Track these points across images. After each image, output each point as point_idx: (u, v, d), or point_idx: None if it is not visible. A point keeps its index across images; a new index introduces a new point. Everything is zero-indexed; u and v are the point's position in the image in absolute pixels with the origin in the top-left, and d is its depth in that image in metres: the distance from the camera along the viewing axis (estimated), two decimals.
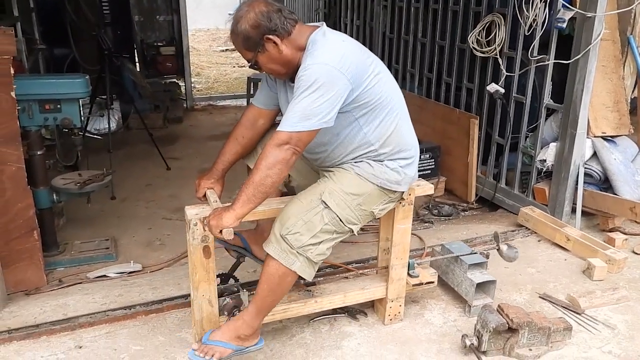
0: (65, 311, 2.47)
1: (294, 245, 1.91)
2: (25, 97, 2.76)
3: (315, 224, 1.94)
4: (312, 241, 1.93)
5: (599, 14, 2.94)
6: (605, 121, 3.30)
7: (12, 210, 2.68)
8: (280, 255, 1.92)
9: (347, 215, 2.00)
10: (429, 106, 4.37)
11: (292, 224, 1.92)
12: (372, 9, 5.22)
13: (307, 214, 1.94)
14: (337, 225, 1.98)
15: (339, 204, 1.98)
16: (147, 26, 7.13)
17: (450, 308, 2.55)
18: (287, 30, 1.92)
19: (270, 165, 1.80)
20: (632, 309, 2.55)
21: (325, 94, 1.79)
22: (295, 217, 1.93)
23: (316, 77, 1.79)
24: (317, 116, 1.80)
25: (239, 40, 1.91)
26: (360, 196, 2.02)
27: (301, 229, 1.92)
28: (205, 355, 1.96)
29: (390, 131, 2.02)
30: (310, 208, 1.95)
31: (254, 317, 2.01)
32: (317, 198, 1.97)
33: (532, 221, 3.28)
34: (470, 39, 3.77)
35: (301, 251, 1.92)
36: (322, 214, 1.95)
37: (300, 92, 1.80)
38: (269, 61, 1.93)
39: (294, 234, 1.91)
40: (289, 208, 1.97)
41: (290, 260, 1.92)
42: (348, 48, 1.91)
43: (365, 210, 2.05)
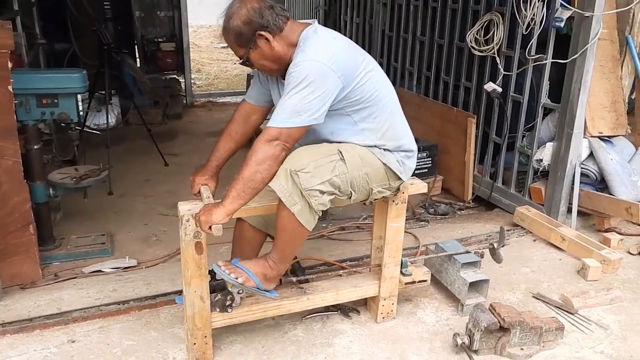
0: (60, 305, 2.48)
1: (303, 184, 1.88)
2: (22, 91, 2.76)
3: (327, 170, 1.92)
4: (320, 187, 1.90)
5: (596, 13, 2.94)
6: (603, 121, 3.30)
7: (8, 204, 2.68)
8: (284, 192, 1.89)
9: (355, 177, 1.99)
10: (427, 105, 4.36)
11: (306, 163, 1.89)
12: (371, 7, 5.22)
13: (322, 159, 1.93)
14: (344, 182, 1.97)
15: (353, 162, 1.98)
16: (147, 22, 7.13)
17: (444, 307, 2.55)
18: (279, 26, 1.92)
19: (260, 160, 1.81)
20: (626, 310, 2.55)
21: (315, 91, 1.80)
22: (310, 159, 1.91)
23: (307, 73, 1.79)
24: (307, 112, 1.80)
25: (230, 37, 1.92)
26: (369, 166, 2.03)
27: (313, 170, 1.89)
28: (231, 273, 1.99)
29: (386, 127, 2.04)
30: (326, 155, 1.94)
31: (279, 262, 2.06)
32: (335, 148, 1.97)
33: (527, 221, 3.28)
34: (468, 37, 3.76)
35: (306, 194, 1.89)
36: (337, 164, 1.94)
37: (291, 88, 1.80)
38: (260, 57, 1.94)
39: (305, 172, 1.87)
40: (304, 151, 1.94)
41: (292, 200, 1.90)
42: (339, 45, 1.92)
43: (367, 182, 2.04)
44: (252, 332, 2.31)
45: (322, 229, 3.45)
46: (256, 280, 2.02)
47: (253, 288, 2.03)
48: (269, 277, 2.06)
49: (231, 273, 1.98)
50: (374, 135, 2.04)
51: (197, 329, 2.07)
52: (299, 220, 1.92)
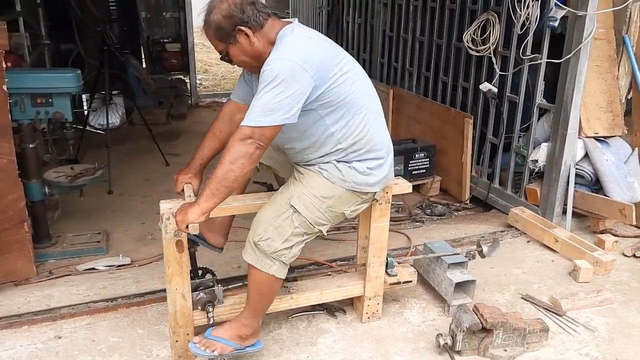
0: (49, 302, 2.51)
1: (267, 251, 1.96)
2: (17, 90, 2.79)
3: (285, 228, 1.97)
4: (284, 245, 1.98)
5: (589, 12, 2.91)
6: (598, 122, 3.27)
7: (2, 202, 2.72)
8: (256, 261, 1.98)
9: (316, 218, 2.02)
10: (426, 105, 4.35)
11: (264, 230, 1.96)
12: (373, 7, 5.21)
13: (277, 219, 1.97)
14: (307, 227, 2.01)
15: (308, 207, 2.00)
16: (153, 23, 7.20)
17: (430, 307, 2.55)
18: (259, 22, 1.92)
19: (233, 159, 1.82)
20: (615, 312, 2.52)
21: (286, 90, 1.79)
22: (266, 224, 1.97)
23: (278, 72, 1.79)
24: (279, 111, 1.80)
25: (210, 31, 1.92)
26: (330, 199, 2.03)
27: (272, 234, 1.96)
28: (206, 349, 2.02)
29: (359, 131, 2.01)
30: (280, 213, 1.98)
31: (251, 319, 2.08)
32: (286, 203, 2.00)
33: (521, 222, 3.26)
34: (465, 37, 3.75)
35: (275, 256, 1.97)
36: (292, 218, 1.98)
37: (263, 87, 1.81)
38: (240, 53, 1.94)
39: (265, 239, 1.95)
40: (260, 215, 2.01)
41: (266, 265, 1.98)
42: (314, 45, 1.91)
43: (335, 212, 2.06)
44: None
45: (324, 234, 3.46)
46: (232, 344, 2.04)
47: (232, 353, 2.06)
48: (244, 336, 2.07)
49: (207, 348, 2.01)
50: (344, 140, 2.00)
51: (179, 327, 2.09)
52: (275, 276, 1.99)
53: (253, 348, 2.11)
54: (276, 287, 2.07)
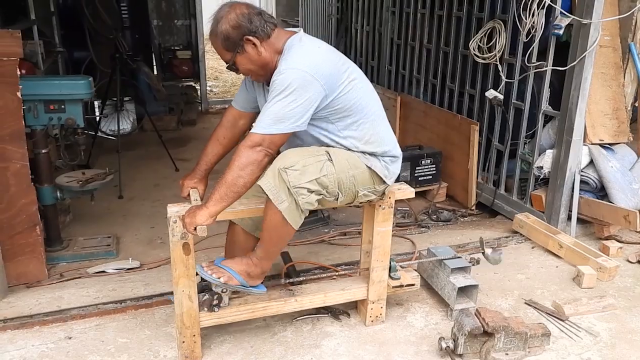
0: (60, 303, 2.57)
1: (292, 181, 1.91)
2: (30, 97, 2.88)
3: (315, 169, 1.95)
4: (308, 185, 1.93)
5: (594, 20, 2.94)
6: (604, 128, 3.28)
7: (16, 206, 2.79)
8: (272, 190, 1.92)
9: (342, 179, 2.02)
10: (432, 112, 4.39)
11: (295, 161, 1.93)
12: (381, 16, 5.27)
13: (310, 158, 1.97)
14: (332, 182, 1.99)
15: (340, 164, 2.02)
16: (165, 30, 7.31)
17: (434, 311, 2.57)
18: (266, 32, 1.98)
19: (242, 165, 1.86)
20: (618, 317, 2.53)
21: (298, 99, 1.85)
22: (299, 157, 1.95)
23: (290, 81, 1.84)
24: (289, 120, 1.86)
25: (218, 41, 1.97)
26: (356, 169, 2.06)
27: (301, 168, 1.93)
28: (213, 273, 2.05)
29: (370, 134, 2.08)
30: (315, 154, 1.99)
31: (262, 259, 2.10)
32: (323, 150, 2.02)
33: (526, 228, 3.27)
34: (471, 45, 3.78)
35: (294, 191, 1.92)
36: (325, 164, 1.98)
37: (274, 95, 1.86)
38: (247, 62, 1.99)
39: (294, 170, 1.91)
40: (293, 151, 1.98)
41: (280, 198, 1.92)
42: (323, 54, 1.97)
43: (354, 185, 2.07)
44: (242, 332, 2.37)
45: (323, 234, 3.51)
46: (239, 278, 2.08)
47: (236, 286, 2.08)
48: (252, 274, 2.11)
49: (213, 273, 2.04)
50: (358, 142, 2.08)
51: (185, 328, 2.13)
52: (285, 218, 1.95)
53: (257, 290, 2.13)
54: (286, 234, 2.03)
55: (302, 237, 3.44)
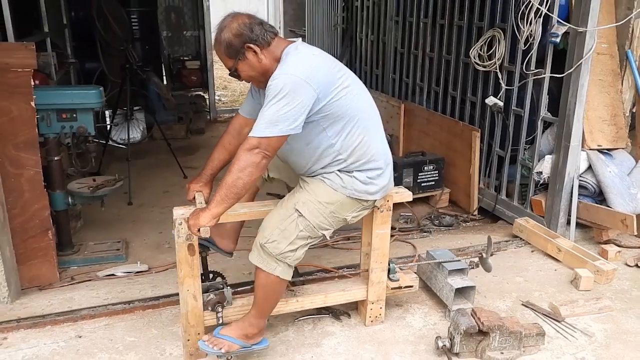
0: (71, 304, 2.67)
1: (273, 252, 2.08)
2: (44, 106, 3.00)
3: (290, 231, 2.10)
4: (289, 248, 2.10)
5: (590, 28, 3.01)
6: (602, 134, 3.34)
7: (29, 211, 2.90)
8: (262, 263, 2.11)
9: (320, 222, 2.14)
10: (435, 119, 4.46)
11: (270, 233, 2.09)
12: (385, 25, 5.36)
13: (283, 223, 2.10)
14: (311, 231, 2.13)
15: (312, 212, 2.12)
16: (174, 41, 7.46)
17: (432, 312, 2.63)
18: (267, 41, 2.07)
19: (241, 168, 1.95)
20: (614, 319, 2.58)
21: (291, 102, 1.93)
22: (273, 227, 2.10)
23: (282, 85, 1.93)
24: (284, 123, 1.94)
25: (221, 48, 2.06)
26: (332, 204, 2.14)
27: (278, 237, 2.08)
28: (214, 346, 2.15)
29: (358, 142, 2.13)
30: (285, 217, 2.11)
31: (257, 318, 2.21)
32: (292, 207, 2.13)
33: (526, 232, 3.33)
34: (472, 53, 3.86)
35: (280, 258, 2.10)
36: (297, 222, 2.10)
37: (269, 100, 1.95)
38: (248, 69, 2.08)
39: (272, 242, 2.08)
40: (267, 219, 2.15)
41: (271, 267, 2.10)
42: (317, 60, 2.05)
43: (337, 217, 2.18)
44: None
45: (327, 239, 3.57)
46: (239, 342, 2.18)
47: (239, 350, 2.19)
48: (250, 335, 2.20)
49: (214, 346, 2.15)
50: (344, 150, 2.12)
51: (190, 326, 2.22)
52: (280, 277, 2.12)
53: (259, 346, 2.23)
54: (280, 288, 2.19)
55: None
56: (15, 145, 2.81)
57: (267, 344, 2.26)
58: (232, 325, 2.21)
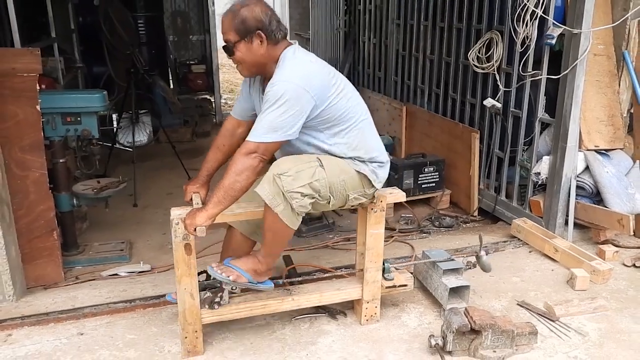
0: (74, 302, 2.73)
1: (285, 187, 2.05)
2: (49, 110, 3.08)
3: (307, 175, 2.09)
4: (301, 190, 2.07)
5: (584, 30, 3.03)
6: (599, 135, 3.36)
7: (34, 212, 2.97)
8: (267, 195, 2.07)
9: (332, 183, 2.16)
10: (436, 121, 4.49)
11: (288, 168, 2.08)
12: (387, 28, 5.41)
13: (302, 165, 2.11)
14: (324, 187, 2.13)
15: (331, 170, 2.15)
16: (180, 45, 7.55)
17: (428, 312, 2.67)
18: (276, 38, 2.12)
19: (238, 171, 2.01)
20: (608, 318, 2.60)
21: (289, 109, 1.99)
22: (292, 164, 2.10)
23: (282, 93, 1.99)
24: (282, 129, 2.00)
25: (233, 21, 2.07)
26: (346, 174, 2.20)
27: (294, 174, 2.07)
28: (222, 272, 2.21)
29: (357, 142, 2.22)
30: (307, 161, 2.13)
31: (266, 257, 2.25)
32: (314, 157, 2.17)
33: (523, 232, 3.35)
34: (470, 55, 3.89)
35: (288, 196, 2.06)
36: (316, 170, 2.12)
37: (268, 106, 2.01)
38: (247, 52, 2.11)
39: (287, 176, 2.06)
40: (287, 158, 2.14)
41: (275, 202, 2.07)
42: (314, 68, 2.12)
43: (345, 189, 2.21)
44: (243, 330, 2.49)
45: (328, 240, 3.62)
46: (247, 276, 2.23)
47: (245, 283, 2.23)
48: (258, 271, 2.26)
49: (223, 272, 2.20)
50: (346, 149, 2.21)
51: (187, 324, 2.27)
52: (282, 220, 2.10)
53: (264, 285, 2.28)
54: (286, 234, 2.17)
55: (307, 243, 3.58)
56: (21, 148, 2.88)
57: (272, 285, 2.30)
58: (242, 258, 2.27)
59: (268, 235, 2.20)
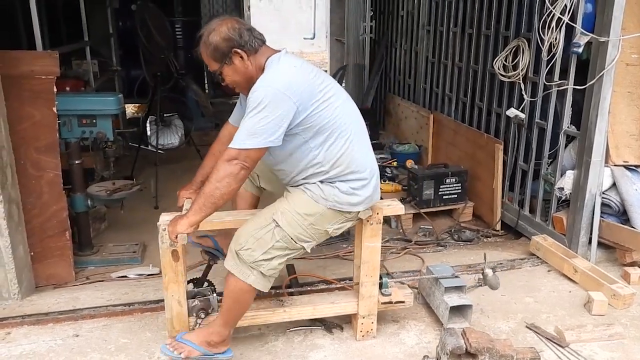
0: (75, 303, 2.77)
1: (247, 260, 2.07)
2: (65, 112, 3.14)
3: (266, 241, 2.09)
4: (263, 257, 2.08)
5: (612, 38, 2.85)
6: (629, 149, 3.14)
7: (48, 212, 3.03)
8: (235, 269, 2.10)
9: (298, 234, 2.11)
10: (461, 130, 4.35)
11: (245, 240, 2.09)
12: (417, 34, 5.29)
13: (259, 232, 2.09)
14: (289, 242, 2.11)
15: (290, 223, 2.10)
16: None
17: (429, 330, 2.55)
18: (254, 47, 2.08)
19: (219, 178, 1.97)
20: (624, 347, 2.41)
21: (269, 115, 1.93)
22: (248, 235, 2.10)
23: (261, 98, 1.93)
24: (262, 135, 1.94)
25: (208, 51, 2.07)
26: (312, 216, 2.12)
27: (253, 245, 2.08)
28: (174, 350, 2.18)
29: (341, 153, 2.10)
30: (262, 226, 2.10)
31: (222, 327, 2.21)
32: (269, 217, 2.12)
33: (542, 250, 3.18)
34: (496, 64, 3.74)
35: (254, 266, 2.08)
36: (274, 232, 2.09)
37: (248, 111, 1.96)
38: (233, 73, 2.09)
39: (246, 249, 2.07)
40: (244, 226, 2.14)
41: (245, 274, 2.09)
42: (298, 73, 2.04)
43: (318, 229, 2.15)
44: (235, 340, 2.43)
45: (340, 249, 3.55)
46: (200, 349, 2.18)
47: (199, 357, 2.19)
48: (213, 343, 2.20)
49: (175, 350, 2.17)
50: (327, 162, 2.10)
51: (175, 331, 2.25)
52: (252, 285, 2.10)
53: (223, 355, 2.23)
54: (249, 298, 2.16)
55: (318, 252, 3.50)
56: (37, 149, 2.95)
57: (232, 354, 2.25)
58: (195, 331, 2.23)
59: (227, 302, 2.17)
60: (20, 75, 2.89)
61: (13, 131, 2.81)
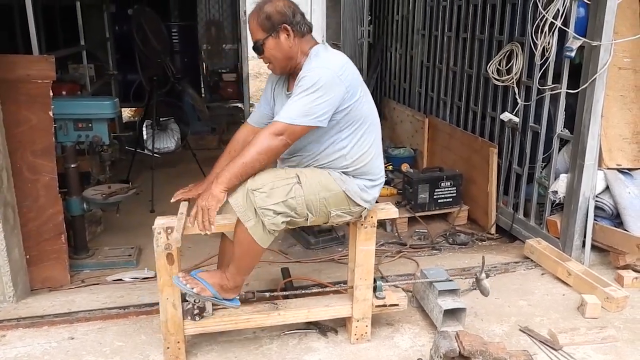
0: (70, 306, 2.76)
1: (258, 203, 2.03)
2: (61, 116, 3.15)
3: (283, 192, 2.07)
4: (273, 207, 2.05)
5: (604, 42, 2.88)
6: (621, 153, 3.16)
7: (43, 215, 3.04)
8: (239, 207, 2.06)
9: (309, 201, 2.12)
10: (456, 134, 4.37)
11: (263, 183, 2.05)
12: (412, 38, 5.32)
13: (279, 182, 2.08)
14: (300, 204, 2.10)
15: (310, 187, 2.12)
16: (213, 54, 7.67)
17: (423, 333, 2.56)
18: (302, 31, 2.14)
19: (262, 150, 2.00)
20: (617, 350, 2.42)
21: (324, 95, 1.99)
22: (268, 179, 2.07)
23: (318, 78, 1.99)
24: (314, 114, 2.00)
25: (259, 19, 2.10)
26: (329, 192, 2.16)
27: (269, 191, 2.05)
28: (187, 284, 2.18)
29: (366, 149, 2.18)
30: (284, 177, 2.10)
31: (235, 273, 2.22)
32: (293, 173, 2.13)
33: (536, 253, 3.19)
34: (490, 68, 3.76)
35: (260, 212, 2.04)
36: (293, 187, 2.09)
37: (302, 90, 2.00)
38: (275, 48, 2.12)
39: (261, 192, 2.03)
40: (265, 173, 2.11)
41: (246, 217, 2.06)
42: (349, 61, 2.13)
43: (325, 206, 2.17)
44: (230, 343, 2.46)
45: (336, 253, 3.56)
46: (212, 290, 2.19)
47: (209, 297, 2.19)
48: (225, 287, 2.22)
49: (188, 283, 2.17)
50: (351, 155, 2.17)
51: (170, 334, 2.25)
52: (252, 236, 2.06)
53: (230, 303, 2.25)
54: (254, 250, 2.13)
55: (313, 255, 3.52)
56: (33, 152, 2.96)
57: (238, 304, 2.26)
58: (210, 272, 2.26)
59: (237, 249, 2.17)
60: (17, 79, 2.90)
61: (9, 135, 2.82)
